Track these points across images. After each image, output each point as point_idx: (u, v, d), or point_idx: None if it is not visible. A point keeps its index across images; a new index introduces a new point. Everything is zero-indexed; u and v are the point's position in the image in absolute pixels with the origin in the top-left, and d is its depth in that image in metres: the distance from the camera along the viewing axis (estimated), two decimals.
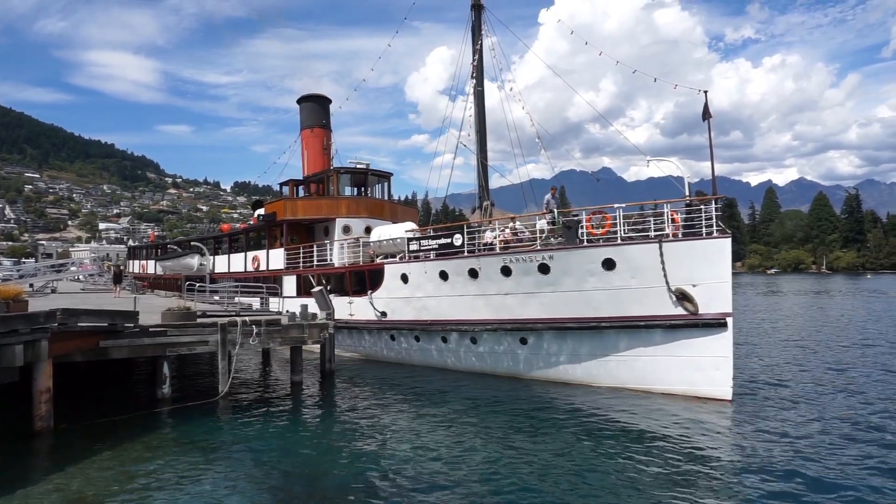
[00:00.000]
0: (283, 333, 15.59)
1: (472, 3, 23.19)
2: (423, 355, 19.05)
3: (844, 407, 13.05)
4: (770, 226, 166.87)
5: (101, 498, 8.18)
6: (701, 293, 13.64)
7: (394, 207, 27.45)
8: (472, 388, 15.80)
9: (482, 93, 22.89)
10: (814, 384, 15.51)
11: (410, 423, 12.46)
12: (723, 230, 13.66)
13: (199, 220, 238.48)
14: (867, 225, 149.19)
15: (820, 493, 8.28)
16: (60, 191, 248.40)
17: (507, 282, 16.07)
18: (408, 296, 18.73)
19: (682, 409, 12.94)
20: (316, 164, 28.60)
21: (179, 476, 9.06)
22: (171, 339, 13.57)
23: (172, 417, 12.63)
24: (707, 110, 14.70)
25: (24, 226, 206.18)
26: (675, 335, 14.07)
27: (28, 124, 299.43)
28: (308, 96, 29.47)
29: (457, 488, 8.58)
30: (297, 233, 26.19)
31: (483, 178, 22.54)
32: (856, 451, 9.99)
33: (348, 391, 15.82)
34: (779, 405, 13.20)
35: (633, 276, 14.27)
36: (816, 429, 11.29)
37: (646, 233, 14.65)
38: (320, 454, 10.38)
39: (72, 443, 10.58)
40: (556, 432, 11.47)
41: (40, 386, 10.76)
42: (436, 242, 18.06)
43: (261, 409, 13.46)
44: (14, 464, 9.49)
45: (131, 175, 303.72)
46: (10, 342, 9.75)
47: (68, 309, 11.17)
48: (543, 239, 15.93)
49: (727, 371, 13.48)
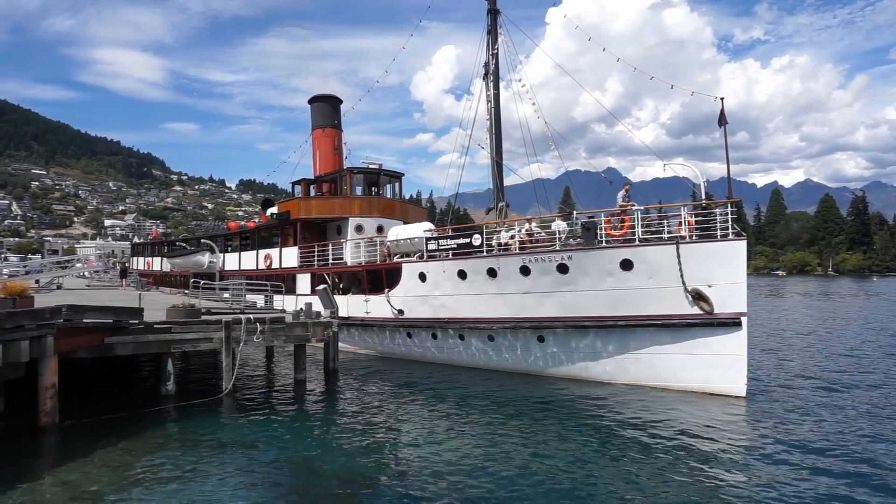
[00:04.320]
0: (286, 331, 15.58)
1: (489, 7, 23.49)
2: (440, 353, 19.31)
3: (854, 402, 13.58)
4: (776, 227, 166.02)
5: (106, 494, 8.15)
6: (716, 293, 13.99)
7: (405, 207, 27.86)
8: (484, 385, 15.98)
9: (497, 95, 23.12)
10: (824, 381, 16.04)
11: (415, 420, 12.45)
12: (738, 233, 14.06)
13: (204, 217, 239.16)
14: (874, 227, 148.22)
15: (831, 484, 8.58)
16: (66, 187, 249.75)
17: (526, 281, 16.34)
18: (425, 294, 18.96)
19: (699, 405, 13.37)
20: (327, 164, 28.84)
21: (183, 473, 9.03)
22: (175, 336, 13.56)
23: (176, 414, 12.63)
24: (723, 117, 15.16)
25: (31, 222, 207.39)
26: (691, 334, 14.44)
27: (35, 121, 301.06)
28: (319, 96, 29.69)
29: (464, 486, 8.51)
30: (310, 231, 26.36)
31: (498, 178, 22.77)
32: (864, 444, 10.40)
33: (351, 389, 15.82)
34: (791, 401, 13.81)
35: (650, 277, 14.58)
36: (827, 423, 11.73)
37: (660, 234, 15.04)
38: (323, 452, 10.35)
39: (76, 439, 10.57)
40: (573, 428, 11.67)
41: (46, 382, 10.76)
42: (454, 242, 18.35)
43: (264, 407, 13.45)
44: (19, 459, 9.47)
45: (137, 172, 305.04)
46: (15, 338, 9.75)
47: (74, 305, 11.20)
48: (564, 239, 16.28)
49: (741, 368, 13.87)
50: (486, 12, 23.55)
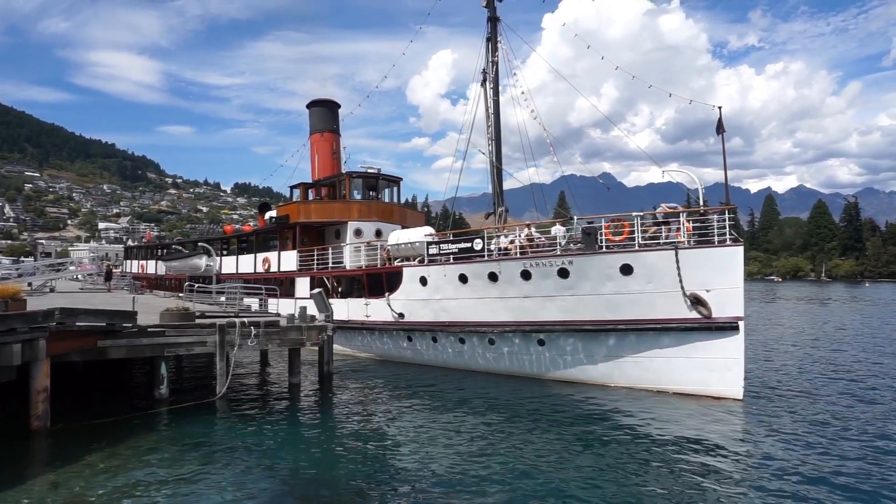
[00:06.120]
0: (281, 335, 15.51)
1: (489, 15, 23.59)
2: (440, 356, 19.34)
3: (849, 405, 13.81)
4: (769, 233, 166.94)
5: (97, 498, 8.06)
6: (714, 298, 14.11)
7: (403, 211, 27.97)
8: (483, 387, 16.06)
9: (498, 102, 23.25)
10: (820, 384, 16.31)
11: (410, 423, 12.43)
12: (735, 238, 14.20)
13: (199, 220, 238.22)
14: (866, 233, 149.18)
15: (827, 485, 8.67)
16: (60, 190, 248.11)
17: (527, 285, 16.43)
18: (426, 298, 18.99)
19: (696, 407, 13.51)
20: (325, 168, 28.92)
21: (176, 477, 8.96)
22: (169, 339, 13.46)
23: (170, 418, 12.52)
24: (721, 125, 15.34)
25: (24, 225, 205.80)
26: (689, 337, 14.56)
27: (29, 123, 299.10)
28: (318, 101, 29.77)
29: (462, 488, 8.48)
30: (308, 235, 26.33)
31: (498, 184, 22.87)
32: (859, 445, 10.58)
33: (345, 393, 15.78)
34: (786, 403, 13.88)
35: (649, 282, 14.70)
36: (822, 425, 11.96)
37: (658, 240, 15.13)
38: (316, 456, 10.30)
39: (68, 443, 10.45)
40: (572, 431, 11.73)
41: (38, 385, 10.64)
42: (456, 247, 18.43)
43: (258, 411, 13.37)
44: (10, 463, 9.37)
45: (132, 175, 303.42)
46: (7, 341, 9.63)
47: (66, 308, 11.09)
48: (564, 245, 16.40)
49: (739, 372, 14.04)
50: (486, 20, 23.66)
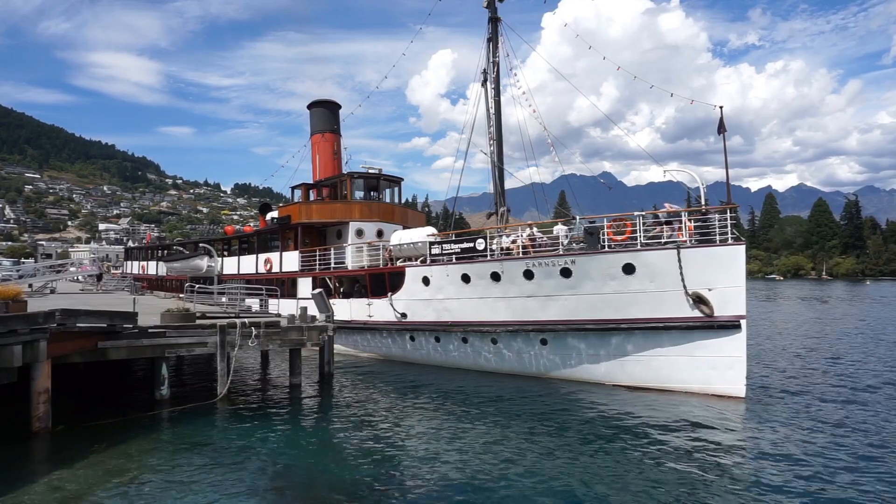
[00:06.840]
0: (282, 336, 15.49)
1: (490, 16, 23.58)
2: (443, 355, 19.36)
3: (851, 402, 13.86)
4: (770, 231, 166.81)
5: (98, 499, 8.06)
6: (716, 297, 14.14)
7: (404, 212, 27.95)
8: (488, 387, 16.08)
9: (499, 102, 23.25)
10: (821, 382, 16.32)
11: (411, 423, 12.41)
12: (737, 238, 14.21)
13: (199, 221, 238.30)
14: (866, 231, 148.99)
15: (829, 483, 8.70)
16: (60, 191, 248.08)
17: (529, 285, 16.43)
18: (429, 298, 19.00)
19: (699, 406, 13.53)
20: (326, 169, 28.89)
21: (177, 478, 8.94)
22: (169, 340, 13.44)
23: (170, 419, 12.51)
24: (722, 125, 15.39)
25: (24, 226, 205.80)
26: (691, 336, 14.60)
27: (29, 125, 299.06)
28: (318, 102, 29.74)
29: (461, 490, 8.45)
30: (310, 236, 26.34)
31: (500, 184, 22.87)
32: (861, 443, 10.60)
33: (346, 393, 15.76)
34: (789, 401, 13.96)
35: (651, 281, 14.71)
36: (824, 423, 12.00)
37: (659, 239, 15.12)
38: (317, 457, 10.28)
39: (69, 444, 10.44)
40: (575, 430, 11.75)
41: (38, 386, 10.62)
42: (458, 246, 18.45)
43: (259, 412, 13.35)
44: (11, 464, 9.35)
45: (132, 176, 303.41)
46: (8, 342, 9.61)
47: (67, 309, 11.09)
48: (567, 244, 16.42)
49: (741, 370, 14.11)
50: (487, 20, 23.65)
